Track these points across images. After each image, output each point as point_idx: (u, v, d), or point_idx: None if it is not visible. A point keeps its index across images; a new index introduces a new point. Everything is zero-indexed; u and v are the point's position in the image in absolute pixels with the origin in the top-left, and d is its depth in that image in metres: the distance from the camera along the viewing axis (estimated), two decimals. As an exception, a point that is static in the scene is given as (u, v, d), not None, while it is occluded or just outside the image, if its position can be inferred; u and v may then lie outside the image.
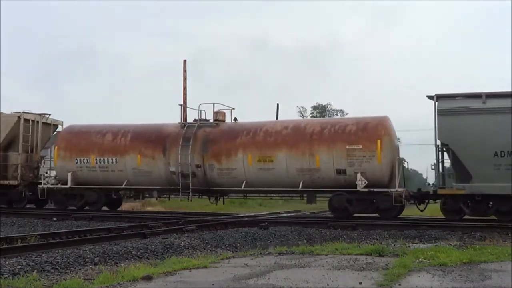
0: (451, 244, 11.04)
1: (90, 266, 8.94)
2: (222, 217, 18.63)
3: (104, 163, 20.72)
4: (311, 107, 68.54)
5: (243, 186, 18.87)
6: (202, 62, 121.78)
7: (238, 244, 12.48)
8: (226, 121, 20.64)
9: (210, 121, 20.47)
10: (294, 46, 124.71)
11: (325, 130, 18.26)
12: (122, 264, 9.18)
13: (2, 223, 16.81)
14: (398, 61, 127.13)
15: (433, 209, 19.01)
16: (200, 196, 21.20)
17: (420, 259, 8.68)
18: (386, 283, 6.73)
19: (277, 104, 27.15)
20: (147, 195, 23.21)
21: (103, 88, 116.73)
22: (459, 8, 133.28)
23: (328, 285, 6.73)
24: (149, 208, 27.07)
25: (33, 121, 23.09)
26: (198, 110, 20.72)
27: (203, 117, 20.65)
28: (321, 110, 66.20)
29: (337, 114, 64.76)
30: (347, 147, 17.66)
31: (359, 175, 17.29)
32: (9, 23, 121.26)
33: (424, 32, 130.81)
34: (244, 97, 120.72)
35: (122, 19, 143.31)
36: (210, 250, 11.58)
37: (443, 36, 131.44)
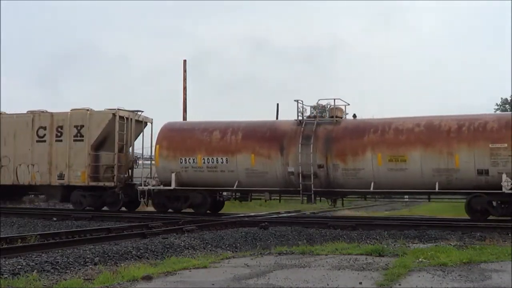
0: (451, 244, 11.04)
1: (90, 266, 8.95)
2: (222, 217, 18.63)
3: (212, 163, 19.41)
4: (311, 107, 68.86)
5: (371, 188, 17.77)
6: (203, 62, 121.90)
7: (238, 244, 12.47)
8: (343, 118, 19.41)
9: (325, 117, 19.18)
10: (295, 46, 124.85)
11: (463, 127, 17.28)
12: (122, 264, 9.18)
13: (2, 223, 16.82)
14: (399, 61, 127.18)
15: (433, 209, 19.03)
16: (318, 198, 19.64)
17: (420, 259, 8.68)
18: (386, 283, 6.73)
19: (277, 104, 27.25)
20: (260, 197, 21.54)
21: (103, 87, 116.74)
22: (460, 7, 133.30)
23: (328, 285, 6.73)
24: (149, 208, 27.01)
25: (127, 118, 21.91)
26: (317, 105, 19.60)
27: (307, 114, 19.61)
28: (321, 110, 66.45)
29: (337, 114, 64.99)
30: (490, 145, 16.68)
31: (504, 176, 16.35)
32: (9, 22, 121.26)
33: (425, 32, 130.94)
34: (244, 97, 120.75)
35: (123, 19, 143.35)
36: (210, 250, 11.58)
37: (444, 36, 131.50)
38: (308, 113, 20.65)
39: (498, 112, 56.78)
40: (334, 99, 19.25)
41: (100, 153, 21.52)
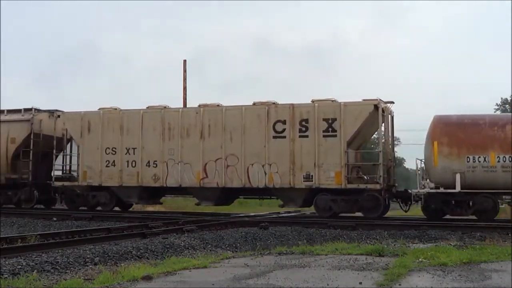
0: (451, 244, 11.05)
1: (90, 266, 8.95)
2: (222, 217, 18.63)
3: (510, 161, 17.18)
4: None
5: None
6: (205, 61, 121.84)
7: (238, 244, 12.48)
8: None
9: None
10: (298, 45, 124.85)
11: None
12: (122, 264, 9.19)
13: (2, 223, 16.83)
14: (400, 61, 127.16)
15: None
16: None
17: (420, 259, 8.69)
18: (386, 283, 6.74)
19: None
20: None
21: (104, 87, 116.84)
22: (462, 8, 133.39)
23: (328, 285, 6.74)
24: (149, 208, 27.04)
25: (384, 110, 19.15)
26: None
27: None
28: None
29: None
30: None
31: None
32: (9, 22, 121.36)
33: (426, 32, 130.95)
34: (246, 96, 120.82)
35: (123, 19, 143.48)
36: (210, 250, 11.59)
37: (445, 37, 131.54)
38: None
39: (498, 112, 56.75)
40: None
41: (348, 150, 18.82)
